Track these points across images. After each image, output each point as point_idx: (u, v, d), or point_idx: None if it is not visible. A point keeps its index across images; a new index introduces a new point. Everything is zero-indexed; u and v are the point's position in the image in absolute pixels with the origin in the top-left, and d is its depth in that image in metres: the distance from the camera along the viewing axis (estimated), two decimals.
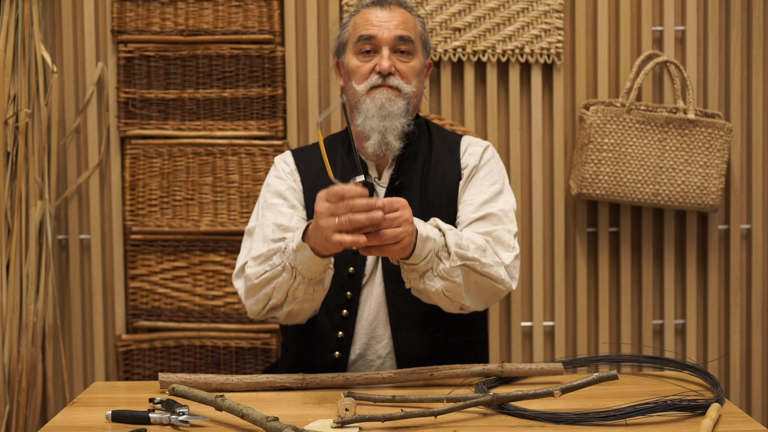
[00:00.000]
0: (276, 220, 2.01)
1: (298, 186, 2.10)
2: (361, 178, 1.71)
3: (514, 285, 1.94)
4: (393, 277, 2.01)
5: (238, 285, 1.99)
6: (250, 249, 2.01)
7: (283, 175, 2.12)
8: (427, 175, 2.08)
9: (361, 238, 1.66)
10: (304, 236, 1.78)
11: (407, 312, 2.01)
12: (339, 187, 1.67)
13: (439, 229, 1.84)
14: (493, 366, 1.82)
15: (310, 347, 2.04)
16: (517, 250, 1.97)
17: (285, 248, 1.84)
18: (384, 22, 2.04)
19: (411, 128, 2.06)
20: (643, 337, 2.80)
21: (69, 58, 2.74)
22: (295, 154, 2.17)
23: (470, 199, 2.05)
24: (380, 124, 2.01)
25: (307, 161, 2.14)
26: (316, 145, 2.22)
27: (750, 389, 2.83)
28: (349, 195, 1.67)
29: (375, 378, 1.81)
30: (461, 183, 2.08)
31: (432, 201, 2.06)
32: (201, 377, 1.80)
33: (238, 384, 1.80)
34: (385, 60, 2.02)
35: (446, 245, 1.81)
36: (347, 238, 1.66)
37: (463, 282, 1.84)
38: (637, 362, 1.93)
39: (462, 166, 2.10)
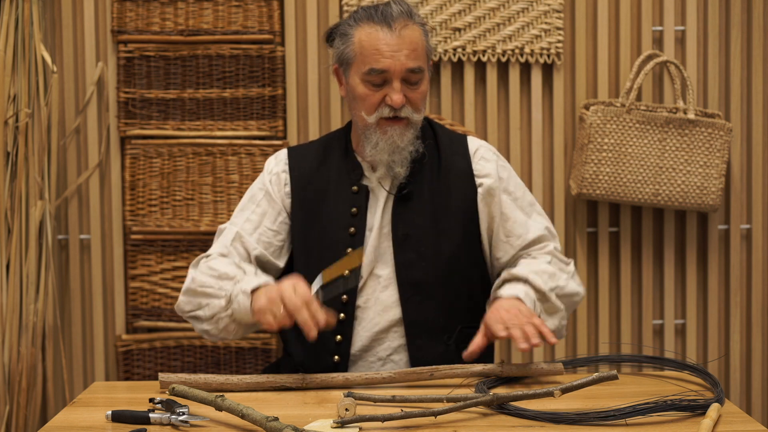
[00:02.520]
0: (241, 227, 2.08)
1: (282, 189, 2.10)
2: (318, 292, 1.83)
3: (583, 291, 2.12)
4: (409, 286, 2.01)
5: (191, 272, 2.04)
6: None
7: (266, 176, 2.12)
8: (438, 179, 2.06)
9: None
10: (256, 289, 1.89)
11: (421, 320, 2.01)
12: (293, 306, 1.77)
13: (522, 279, 2.00)
14: (493, 366, 1.82)
15: (311, 351, 2.04)
16: (572, 267, 2.12)
17: (239, 280, 1.93)
18: (395, 52, 1.95)
19: (419, 152, 2.04)
20: (643, 337, 2.80)
21: (69, 58, 2.74)
22: (291, 152, 2.15)
23: (511, 219, 2.09)
24: (389, 158, 2.01)
25: (301, 160, 2.12)
26: (314, 142, 2.21)
27: (750, 389, 2.83)
28: (301, 318, 1.77)
29: (375, 378, 1.81)
30: (480, 192, 2.07)
31: (444, 206, 2.05)
32: (201, 377, 1.80)
33: (238, 384, 1.80)
34: (396, 94, 1.96)
35: (537, 290, 1.98)
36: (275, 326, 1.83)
37: (564, 309, 2.05)
38: (637, 362, 1.93)
39: (476, 172, 2.08)
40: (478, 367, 1.83)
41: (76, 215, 2.76)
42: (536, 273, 2.00)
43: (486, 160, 2.10)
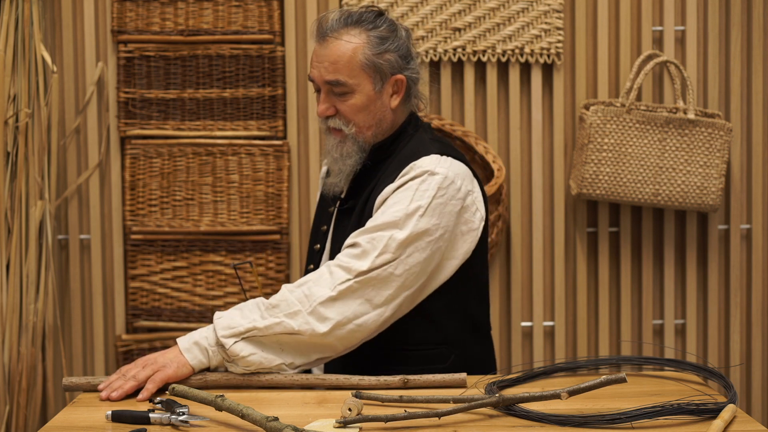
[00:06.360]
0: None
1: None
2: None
3: (321, 328, 1.82)
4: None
5: None
6: None
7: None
8: (371, 194, 1.99)
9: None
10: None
11: None
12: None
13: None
14: (396, 379, 1.80)
15: None
16: (337, 291, 1.83)
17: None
18: (318, 63, 1.97)
19: (366, 163, 2.01)
20: (643, 337, 2.80)
21: (69, 58, 2.74)
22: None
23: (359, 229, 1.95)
24: (336, 166, 2.03)
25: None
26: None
27: (750, 389, 2.83)
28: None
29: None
30: (376, 203, 1.96)
31: (364, 222, 1.96)
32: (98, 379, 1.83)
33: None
34: (319, 105, 2.00)
35: (215, 333, 1.83)
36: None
37: (260, 350, 1.83)
38: (659, 365, 1.92)
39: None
40: (381, 379, 1.80)
41: (76, 215, 2.76)
42: (230, 317, 1.85)
43: (401, 176, 1.94)
